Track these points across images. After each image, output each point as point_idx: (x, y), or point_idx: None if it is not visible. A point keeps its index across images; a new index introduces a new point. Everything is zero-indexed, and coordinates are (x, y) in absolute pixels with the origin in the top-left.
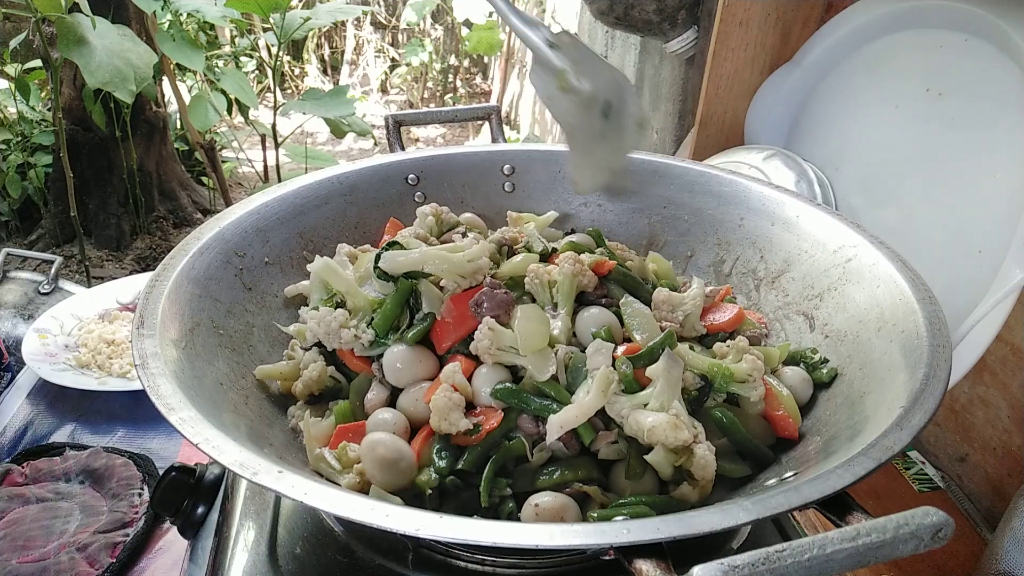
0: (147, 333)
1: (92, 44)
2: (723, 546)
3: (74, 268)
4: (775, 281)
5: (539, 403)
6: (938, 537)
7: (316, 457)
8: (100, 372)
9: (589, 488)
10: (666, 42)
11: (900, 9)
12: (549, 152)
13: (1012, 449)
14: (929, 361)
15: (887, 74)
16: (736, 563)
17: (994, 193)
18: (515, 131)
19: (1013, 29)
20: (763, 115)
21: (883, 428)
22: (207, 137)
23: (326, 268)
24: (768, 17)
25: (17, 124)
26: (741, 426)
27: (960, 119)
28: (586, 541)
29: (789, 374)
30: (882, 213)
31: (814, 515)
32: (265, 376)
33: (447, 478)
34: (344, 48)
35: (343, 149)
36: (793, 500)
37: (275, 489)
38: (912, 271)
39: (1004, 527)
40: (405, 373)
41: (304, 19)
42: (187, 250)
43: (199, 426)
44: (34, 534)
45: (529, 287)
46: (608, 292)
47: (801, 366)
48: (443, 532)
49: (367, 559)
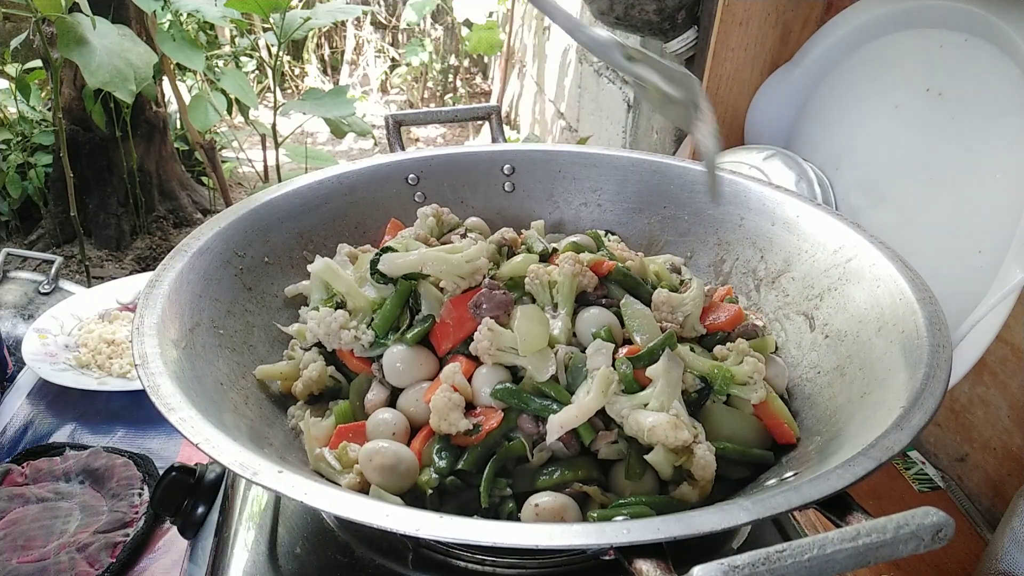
0: (147, 333)
1: (92, 44)
2: (723, 546)
3: (74, 268)
4: (775, 281)
5: (539, 403)
6: (938, 537)
7: (316, 457)
8: (100, 372)
9: (589, 488)
10: (666, 42)
11: (900, 9)
12: (549, 152)
13: (1012, 449)
14: (929, 361)
15: (887, 74)
16: (736, 563)
17: (994, 193)
18: (515, 131)
19: (1013, 29)
20: (763, 115)
21: (883, 428)
22: (207, 137)
23: (326, 269)
24: (768, 17)
25: (17, 124)
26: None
27: (960, 119)
28: (586, 541)
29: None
30: (882, 213)
31: (814, 515)
32: (265, 376)
33: (447, 478)
34: (344, 48)
35: (343, 149)
36: (793, 500)
37: (275, 489)
38: (912, 271)
39: (1004, 527)
40: (405, 373)
41: (304, 19)
42: (187, 250)
43: (199, 426)
44: (34, 534)
45: (529, 287)
46: (608, 292)
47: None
48: (443, 532)
49: (367, 559)
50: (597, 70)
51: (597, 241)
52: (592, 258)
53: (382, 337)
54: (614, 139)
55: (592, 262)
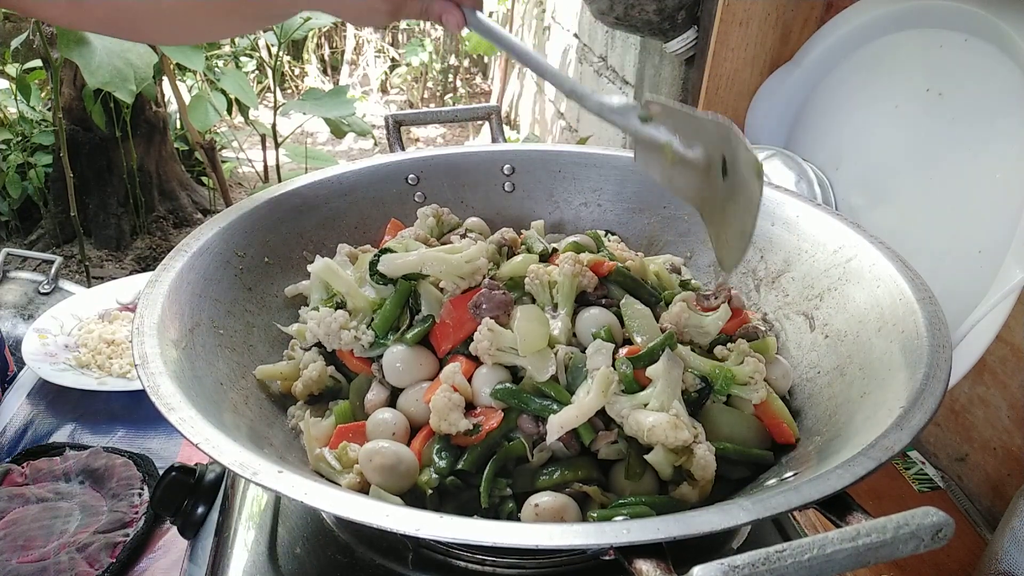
0: (147, 333)
1: (92, 44)
2: (723, 546)
3: (74, 268)
4: (775, 281)
5: (539, 403)
6: (938, 537)
7: (316, 457)
8: (100, 372)
9: (589, 488)
10: (666, 42)
11: (900, 9)
12: (549, 152)
13: (1012, 449)
14: (929, 361)
15: (887, 74)
16: (736, 563)
17: (994, 193)
18: (515, 131)
19: (1013, 29)
20: (763, 115)
21: (883, 428)
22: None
23: (327, 269)
24: (768, 17)
25: (17, 124)
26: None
27: (960, 119)
28: (586, 541)
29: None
30: (882, 213)
31: (814, 515)
32: (265, 376)
33: (447, 478)
34: (344, 48)
35: (343, 149)
36: (793, 500)
37: (275, 489)
38: (912, 271)
39: (1004, 527)
40: (405, 373)
41: (304, 19)
42: (187, 250)
43: (199, 426)
44: (34, 534)
45: (529, 287)
46: (608, 293)
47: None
48: (443, 532)
49: (367, 559)
50: (597, 70)
51: (597, 241)
52: (592, 258)
53: (382, 337)
54: (614, 139)
55: (592, 262)
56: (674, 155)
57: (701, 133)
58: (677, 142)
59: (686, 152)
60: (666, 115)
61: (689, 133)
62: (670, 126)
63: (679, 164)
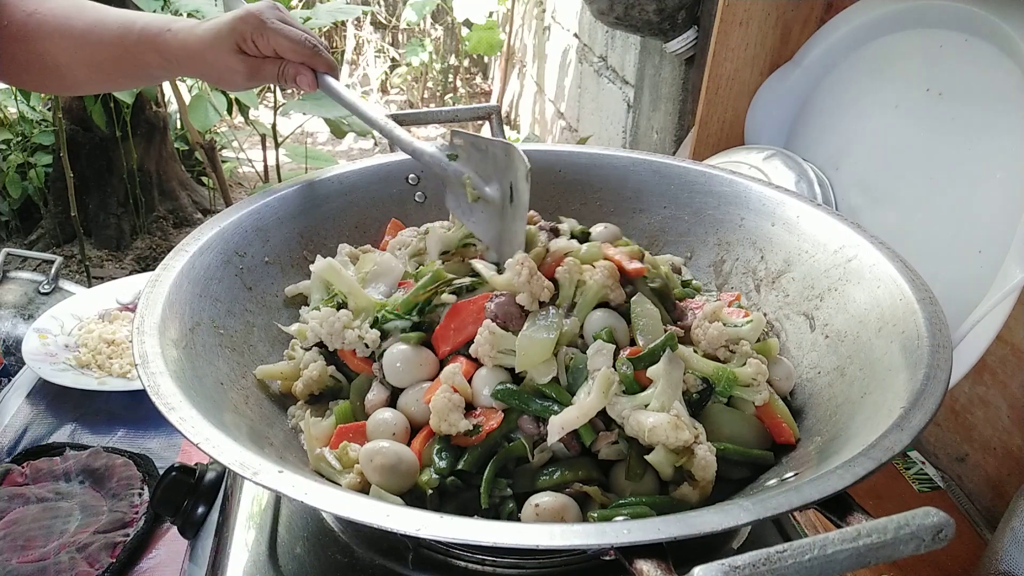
0: (147, 333)
1: None
2: (724, 546)
3: (74, 268)
4: (775, 281)
5: (540, 404)
6: (939, 538)
7: (316, 457)
8: (100, 372)
9: (589, 488)
10: (666, 42)
11: (900, 9)
12: (549, 152)
13: (1012, 449)
14: (929, 361)
15: (887, 74)
16: (737, 563)
17: (994, 193)
18: (515, 131)
19: (1013, 29)
20: (763, 115)
21: (883, 428)
22: (207, 137)
23: (329, 269)
24: (768, 17)
25: (17, 124)
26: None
27: (960, 119)
28: (586, 541)
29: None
30: (882, 213)
31: (815, 515)
32: (265, 376)
33: (447, 478)
34: (344, 48)
35: (343, 149)
36: (794, 500)
37: (275, 489)
38: (912, 271)
39: (1004, 527)
40: (405, 373)
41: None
42: (187, 250)
43: (199, 426)
44: (34, 534)
45: (559, 276)
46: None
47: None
48: (443, 532)
49: (367, 559)
50: (597, 70)
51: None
52: (631, 250)
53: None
54: (614, 139)
55: (632, 253)
56: (473, 192)
57: (495, 160)
58: (475, 176)
59: (483, 189)
60: (466, 145)
61: (487, 164)
62: (468, 156)
63: (480, 202)
